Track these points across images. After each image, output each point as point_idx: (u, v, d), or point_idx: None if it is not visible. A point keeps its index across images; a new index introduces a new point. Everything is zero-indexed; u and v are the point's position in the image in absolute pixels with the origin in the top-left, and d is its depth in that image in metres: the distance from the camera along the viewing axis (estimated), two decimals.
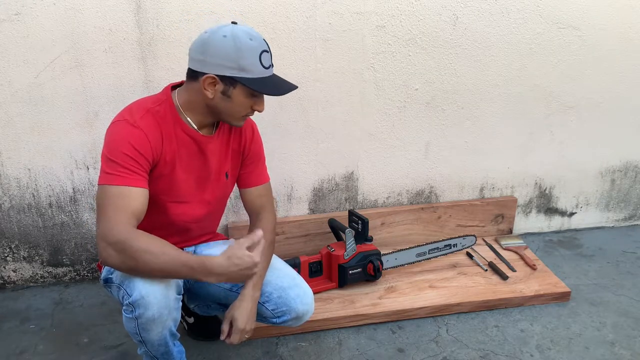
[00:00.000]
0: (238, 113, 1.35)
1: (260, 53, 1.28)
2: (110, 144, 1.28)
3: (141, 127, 1.29)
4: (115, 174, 1.24)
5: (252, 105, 1.35)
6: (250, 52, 1.27)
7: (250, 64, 1.27)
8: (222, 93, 1.30)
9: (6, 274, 2.09)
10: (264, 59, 1.29)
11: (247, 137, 1.54)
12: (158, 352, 1.36)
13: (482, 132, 2.25)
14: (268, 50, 1.31)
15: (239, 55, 1.26)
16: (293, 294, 1.47)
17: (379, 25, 1.98)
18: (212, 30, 1.28)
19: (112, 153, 1.26)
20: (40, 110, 1.86)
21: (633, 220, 2.60)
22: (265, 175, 1.62)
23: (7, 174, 1.93)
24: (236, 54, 1.26)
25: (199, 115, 1.38)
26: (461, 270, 2.10)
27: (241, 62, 1.26)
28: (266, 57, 1.30)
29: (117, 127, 1.30)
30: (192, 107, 1.36)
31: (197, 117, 1.38)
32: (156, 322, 1.27)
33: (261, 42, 1.30)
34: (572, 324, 1.85)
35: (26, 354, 1.73)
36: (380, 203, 2.30)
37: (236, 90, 1.30)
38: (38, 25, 1.75)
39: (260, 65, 1.28)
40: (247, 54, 1.26)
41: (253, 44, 1.27)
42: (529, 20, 2.08)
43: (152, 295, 1.24)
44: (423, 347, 1.73)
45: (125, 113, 1.32)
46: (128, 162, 1.26)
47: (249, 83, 1.28)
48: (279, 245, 2.13)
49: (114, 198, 1.23)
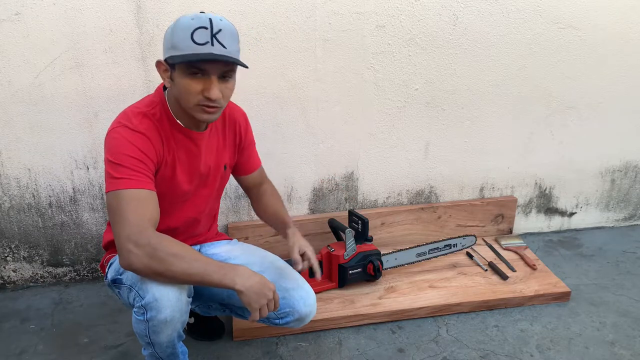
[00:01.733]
0: (189, 100, 1.25)
1: (195, 29, 1.18)
2: (113, 149, 1.26)
3: (142, 131, 1.28)
4: (126, 177, 1.23)
5: (202, 90, 1.24)
6: (182, 30, 1.19)
7: (180, 40, 1.19)
8: (170, 79, 1.28)
9: (6, 274, 2.09)
10: (197, 36, 1.18)
11: (242, 128, 1.55)
12: (165, 354, 1.36)
13: (482, 132, 2.25)
14: (207, 27, 1.19)
15: (172, 34, 1.22)
16: (297, 295, 1.47)
17: (379, 25, 1.98)
18: None
19: (117, 157, 1.24)
20: (40, 110, 1.86)
21: (633, 220, 2.60)
22: (258, 158, 1.68)
23: (7, 174, 1.93)
24: (171, 33, 1.22)
25: (182, 113, 1.34)
26: (461, 270, 2.10)
27: (173, 41, 1.21)
28: (201, 34, 1.18)
29: (118, 133, 1.27)
30: (175, 106, 1.34)
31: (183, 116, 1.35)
32: (168, 325, 1.27)
33: (202, 20, 1.19)
34: (572, 324, 1.85)
35: (26, 354, 1.73)
36: (380, 203, 2.30)
37: (176, 72, 1.24)
38: (38, 25, 1.75)
39: (190, 41, 1.18)
40: (179, 32, 1.20)
41: (190, 22, 1.19)
42: (529, 20, 2.08)
43: (166, 298, 1.24)
44: (423, 347, 1.73)
45: (122, 119, 1.30)
46: (136, 165, 1.25)
47: (177, 59, 1.19)
48: (278, 245, 2.13)
49: (132, 201, 1.21)
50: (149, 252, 1.18)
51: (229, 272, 1.24)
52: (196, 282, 1.26)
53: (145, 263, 1.19)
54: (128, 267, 1.21)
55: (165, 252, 1.19)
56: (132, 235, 1.18)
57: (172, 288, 1.25)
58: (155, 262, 1.19)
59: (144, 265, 1.19)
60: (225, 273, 1.23)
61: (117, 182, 1.23)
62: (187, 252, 1.23)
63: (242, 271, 1.26)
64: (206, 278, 1.23)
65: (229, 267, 1.25)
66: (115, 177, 1.23)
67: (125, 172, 1.23)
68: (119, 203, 1.22)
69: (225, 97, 1.29)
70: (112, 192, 1.23)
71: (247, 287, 1.23)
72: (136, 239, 1.18)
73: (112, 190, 1.23)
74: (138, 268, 1.20)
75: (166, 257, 1.19)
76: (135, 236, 1.18)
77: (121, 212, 1.21)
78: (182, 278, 1.23)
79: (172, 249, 1.21)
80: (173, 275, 1.21)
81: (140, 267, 1.20)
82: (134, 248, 1.18)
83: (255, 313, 1.27)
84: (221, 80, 1.26)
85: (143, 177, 1.25)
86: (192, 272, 1.21)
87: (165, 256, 1.19)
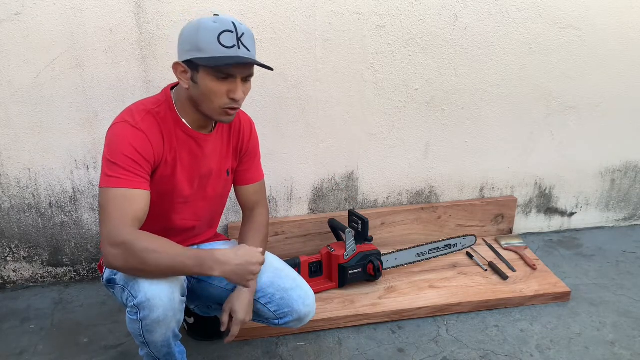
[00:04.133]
0: (214, 102, 1.28)
1: (220, 32, 1.21)
2: (111, 146, 1.27)
3: (142, 128, 1.28)
4: (116, 176, 1.24)
5: (227, 92, 1.27)
6: (208, 33, 1.21)
7: (206, 42, 1.21)
8: (192, 80, 1.28)
9: (6, 274, 2.09)
10: (224, 39, 1.21)
11: (246, 135, 1.54)
12: (160, 354, 1.36)
13: (482, 132, 2.25)
14: (233, 31, 1.22)
15: (197, 36, 1.22)
16: (295, 295, 1.48)
17: (379, 25, 1.98)
18: None
19: (113, 155, 1.25)
20: (40, 110, 1.86)
21: (633, 220, 2.60)
22: (261, 172, 1.63)
23: (7, 174, 1.93)
24: (195, 36, 1.23)
25: (191, 114, 1.36)
26: (461, 270, 2.10)
27: (198, 43, 1.22)
28: (227, 37, 1.22)
29: (118, 129, 1.29)
30: (184, 106, 1.35)
31: (191, 117, 1.37)
32: (161, 324, 1.27)
33: (226, 23, 1.22)
34: (572, 324, 1.85)
35: (26, 354, 1.73)
36: (380, 203, 2.30)
37: (200, 74, 1.25)
38: (38, 25, 1.75)
39: (217, 44, 1.21)
40: (204, 34, 1.21)
41: (214, 25, 1.22)
42: (529, 20, 2.08)
43: (158, 297, 1.24)
44: (423, 347, 1.73)
45: (126, 115, 1.31)
46: (129, 164, 1.25)
47: (204, 61, 1.22)
48: (278, 245, 2.13)
49: (117, 200, 1.23)
50: (124, 249, 1.19)
51: (206, 260, 1.23)
52: (177, 273, 1.27)
53: (122, 261, 1.20)
54: (111, 266, 1.23)
55: (139, 247, 1.19)
56: (110, 234, 1.21)
57: (164, 287, 1.25)
58: (132, 259, 1.20)
59: (124, 263, 1.21)
60: (202, 262, 1.22)
61: (109, 179, 1.25)
62: (163, 246, 1.22)
63: (218, 256, 1.24)
64: (185, 269, 1.24)
65: (205, 255, 1.24)
66: (108, 175, 1.25)
67: (117, 171, 1.25)
68: (104, 201, 1.24)
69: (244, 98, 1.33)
70: (102, 189, 1.26)
71: (227, 272, 1.24)
72: (113, 238, 1.20)
73: (102, 187, 1.26)
74: (119, 266, 1.22)
75: (141, 253, 1.19)
76: (112, 235, 1.20)
77: (105, 211, 1.23)
78: (161, 272, 1.23)
79: (146, 244, 1.20)
80: (151, 270, 1.22)
81: (121, 265, 1.22)
82: (111, 248, 1.20)
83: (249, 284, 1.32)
84: (242, 82, 1.29)
85: (135, 177, 1.26)
86: (169, 265, 1.22)
87: (139, 252, 1.19)
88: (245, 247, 1.31)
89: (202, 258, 1.23)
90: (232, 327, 1.42)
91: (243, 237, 1.57)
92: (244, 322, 1.43)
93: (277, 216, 2.20)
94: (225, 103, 1.29)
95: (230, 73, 1.25)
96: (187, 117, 1.37)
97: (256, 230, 1.58)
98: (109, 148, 1.27)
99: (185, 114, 1.36)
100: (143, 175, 1.28)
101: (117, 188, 1.24)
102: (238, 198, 1.62)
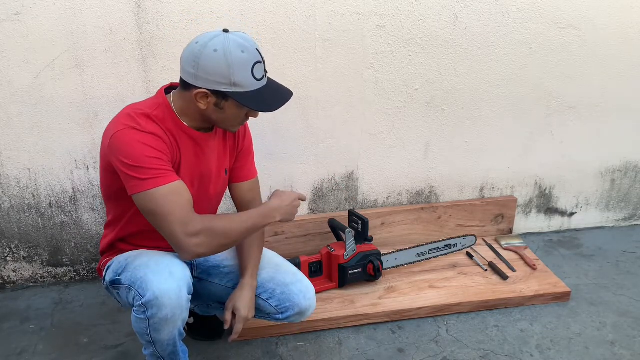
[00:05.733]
0: (232, 122, 1.37)
1: (253, 66, 1.26)
2: (128, 153, 1.24)
3: (151, 131, 1.28)
4: (152, 177, 1.24)
5: (247, 113, 1.35)
6: (241, 67, 1.24)
7: (242, 78, 1.25)
8: (215, 105, 1.30)
9: (6, 274, 2.09)
10: (257, 71, 1.27)
11: (241, 133, 1.55)
12: (166, 352, 1.36)
13: (482, 132, 2.25)
14: (261, 61, 1.29)
15: (230, 71, 1.23)
16: (296, 289, 1.49)
17: (379, 25, 1.98)
18: (203, 43, 1.24)
19: (135, 160, 1.24)
20: (40, 110, 1.86)
21: (633, 220, 2.60)
22: (255, 169, 1.64)
23: (7, 174, 1.93)
24: (228, 70, 1.23)
25: (194, 121, 1.37)
26: (461, 270, 2.10)
27: (233, 78, 1.24)
28: (259, 69, 1.28)
29: (128, 136, 1.26)
30: (187, 113, 1.35)
31: (193, 123, 1.37)
32: (169, 322, 1.28)
33: (253, 53, 1.27)
34: (572, 324, 1.85)
35: (26, 354, 1.73)
36: (380, 203, 2.30)
37: (228, 103, 1.29)
38: (38, 25, 1.75)
39: (252, 79, 1.26)
40: (239, 69, 1.24)
41: (245, 57, 1.24)
42: (529, 20, 2.08)
43: (167, 295, 1.24)
44: (423, 347, 1.73)
45: (126, 120, 1.28)
46: (157, 163, 1.26)
47: (242, 99, 1.27)
48: (279, 245, 2.13)
49: (168, 197, 1.25)
50: (206, 235, 1.26)
51: (268, 212, 1.40)
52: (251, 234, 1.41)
53: (207, 245, 1.28)
54: (193, 256, 1.29)
55: (219, 228, 1.30)
56: (184, 228, 1.24)
57: (172, 285, 1.26)
58: (215, 240, 1.29)
59: (207, 248, 1.28)
60: (265, 215, 1.39)
61: (146, 182, 1.24)
62: (230, 219, 1.36)
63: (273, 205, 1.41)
64: (257, 227, 1.39)
65: (264, 208, 1.41)
66: (140, 179, 1.24)
67: (150, 173, 1.24)
68: (156, 203, 1.24)
69: None
70: (142, 194, 1.24)
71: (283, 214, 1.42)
72: (190, 229, 1.24)
73: (143, 191, 1.24)
74: (203, 252, 1.29)
75: (223, 230, 1.30)
76: (187, 228, 1.24)
77: (163, 211, 1.24)
78: (240, 237, 1.37)
79: (220, 222, 1.32)
80: (232, 241, 1.34)
81: (205, 251, 1.29)
82: (192, 238, 1.25)
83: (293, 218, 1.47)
84: None
85: (168, 172, 1.27)
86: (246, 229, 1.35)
87: (221, 231, 1.30)
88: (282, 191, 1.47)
89: (263, 212, 1.39)
90: (235, 324, 1.44)
91: None
92: (247, 319, 1.45)
93: None
94: (243, 120, 1.39)
95: None
96: (186, 119, 1.36)
97: None
98: (126, 155, 1.24)
99: (184, 116, 1.36)
100: (171, 169, 1.30)
101: (160, 187, 1.24)
102: (233, 196, 1.62)
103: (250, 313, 1.45)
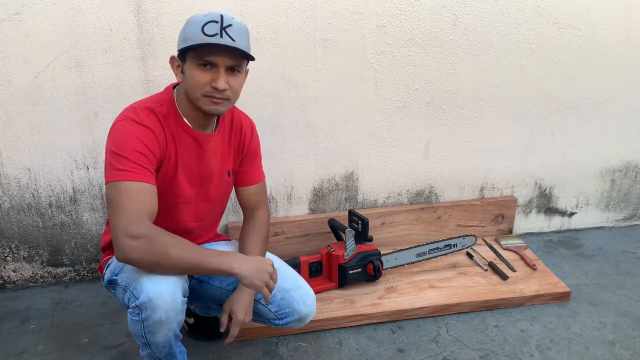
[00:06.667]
0: (196, 90, 1.29)
1: (206, 23, 1.24)
2: (117, 140, 1.26)
3: (148, 125, 1.29)
4: (128, 169, 1.24)
5: (210, 81, 1.27)
6: (194, 24, 1.26)
7: (192, 32, 1.25)
8: (182, 72, 1.32)
9: (6, 274, 2.09)
10: (208, 28, 1.24)
11: (247, 136, 1.54)
12: (162, 354, 1.36)
13: (482, 132, 2.25)
14: (218, 21, 1.24)
15: (185, 28, 1.28)
16: (296, 295, 1.48)
17: (379, 25, 1.98)
18: None
19: (121, 149, 1.25)
20: (40, 110, 1.86)
21: (633, 220, 2.60)
22: (262, 173, 1.63)
23: (7, 174, 1.93)
24: (184, 28, 1.29)
25: (191, 113, 1.36)
26: (461, 270, 2.10)
27: (185, 33, 1.27)
28: (211, 26, 1.24)
29: (124, 125, 1.29)
30: (184, 105, 1.36)
31: (192, 116, 1.37)
32: (163, 325, 1.27)
33: (214, 16, 1.25)
34: (572, 324, 1.85)
35: (26, 354, 1.73)
36: (380, 203, 2.30)
37: (187, 64, 1.29)
38: (38, 25, 1.75)
39: (201, 33, 1.23)
40: (191, 26, 1.26)
41: (201, 17, 1.26)
42: (529, 20, 2.08)
43: (161, 298, 1.23)
44: (423, 347, 1.73)
45: (129, 112, 1.31)
46: (139, 158, 1.25)
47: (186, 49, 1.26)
48: (278, 245, 2.13)
49: (131, 193, 1.22)
50: (144, 243, 1.19)
51: (226, 258, 1.27)
52: (194, 269, 1.28)
53: (141, 254, 1.20)
54: (124, 259, 1.21)
55: (162, 241, 1.21)
56: (128, 227, 1.19)
57: (166, 288, 1.25)
58: (152, 252, 1.20)
59: (140, 256, 1.20)
60: (222, 259, 1.27)
61: (118, 173, 1.23)
62: (184, 242, 1.26)
63: (238, 257, 1.30)
64: (203, 265, 1.25)
65: (225, 254, 1.30)
66: (117, 169, 1.24)
67: (128, 165, 1.24)
68: (118, 194, 1.22)
69: (234, 91, 1.32)
70: (111, 183, 1.24)
71: (244, 269, 1.26)
72: (132, 230, 1.19)
73: (112, 181, 1.24)
74: (134, 258, 1.21)
75: (162, 247, 1.21)
76: (131, 227, 1.19)
77: (119, 204, 1.22)
78: (179, 266, 1.25)
79: (168, 238, 1.23)
80: (169, 264, 1.23)
81: (136, 257, 1.21)
82: (130, 240, 1.19)
83: (262, 290, 1.30)
84: (229, 73, 1.29)
85: (145, 170, 1.26)
86: (190, 260, 1.24)
87: (161, 246, 1.21)
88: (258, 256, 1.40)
89: (222, 256, 1.28)
90: (232, 327, 1.43)
91: (244, 238, 1.58)
92: (243, 322, 1.44)
93: (277, 216, 2.20)
94: (207, 91, 1.29)
95: (211, 61, 1.26)
96: (188, 116, 1.37)
97: (257, 231, 1.58)
98: (115, 142, 1.26)
99: (186, 112, 1.37)
100: (152, 170, 1.29)
101: (130, 181, 1.23)
102: (239, 199, 1.62)
103: (247, 317, 1.44)
